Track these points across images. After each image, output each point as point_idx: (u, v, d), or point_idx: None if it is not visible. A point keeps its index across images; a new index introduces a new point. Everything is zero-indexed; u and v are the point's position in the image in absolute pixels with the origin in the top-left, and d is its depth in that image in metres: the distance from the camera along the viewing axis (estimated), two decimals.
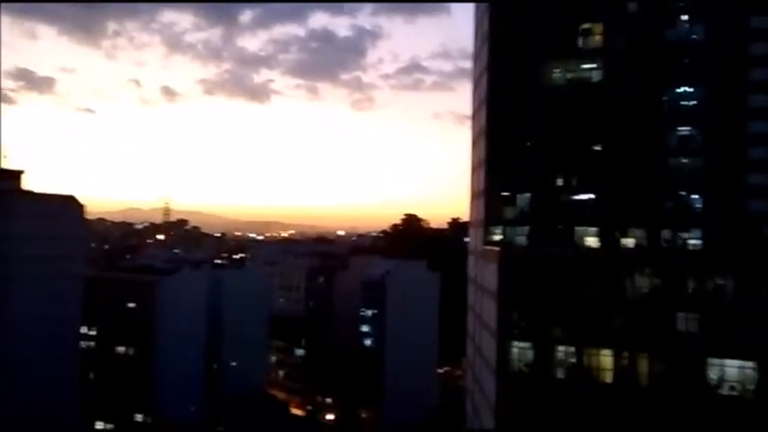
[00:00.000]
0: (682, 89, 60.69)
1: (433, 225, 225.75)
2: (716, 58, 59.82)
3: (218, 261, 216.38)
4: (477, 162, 76.02)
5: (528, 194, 65.74)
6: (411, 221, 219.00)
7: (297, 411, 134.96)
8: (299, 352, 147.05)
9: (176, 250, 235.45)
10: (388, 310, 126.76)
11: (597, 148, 63.23)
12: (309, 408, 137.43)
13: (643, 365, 55.41)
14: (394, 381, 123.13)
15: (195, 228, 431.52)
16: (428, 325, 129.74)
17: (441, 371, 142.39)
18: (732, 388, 53.14)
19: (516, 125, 66.25)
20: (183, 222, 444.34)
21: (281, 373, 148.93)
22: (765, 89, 58.53)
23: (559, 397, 57.52)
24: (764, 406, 51.54)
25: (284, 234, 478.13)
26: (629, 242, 61.83)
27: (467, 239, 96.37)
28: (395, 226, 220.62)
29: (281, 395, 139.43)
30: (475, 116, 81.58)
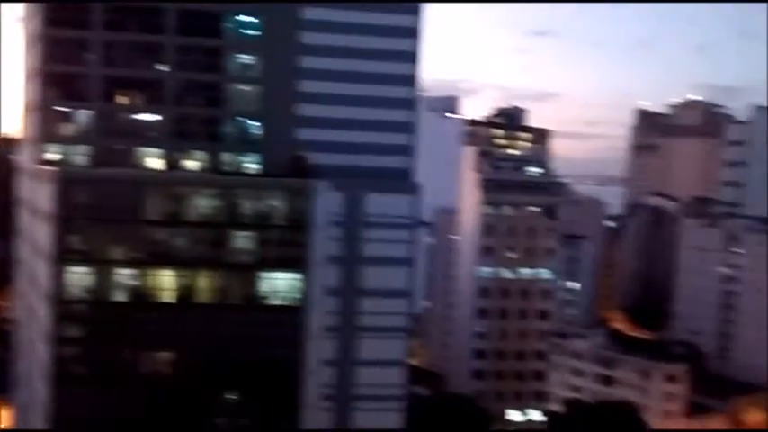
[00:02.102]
0: (244, 18, 63.23)
1: None
2: None
3: None
4: (32, 71, 68.52)
5: (88, 111, 62.12)
6: None
7: None
8: None
9: None
10: None
11: (162, 67, 62.51)
12: None
13: (202, 282, 58.12)
14: None
15: None
16: None
17: None
18: (280, 297, 59.21)
19: (77, 34, 61.41)
20: None
21: None
22: (317, 28, 64.36)
23: (121, 320, 57.17)
24: (306, 311, 58.75)
25: None
26: (190, 164, 63.31)
27: (20, 158, 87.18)
28: None
29: None
30: (28, 17, 72.69)
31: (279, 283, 59.32)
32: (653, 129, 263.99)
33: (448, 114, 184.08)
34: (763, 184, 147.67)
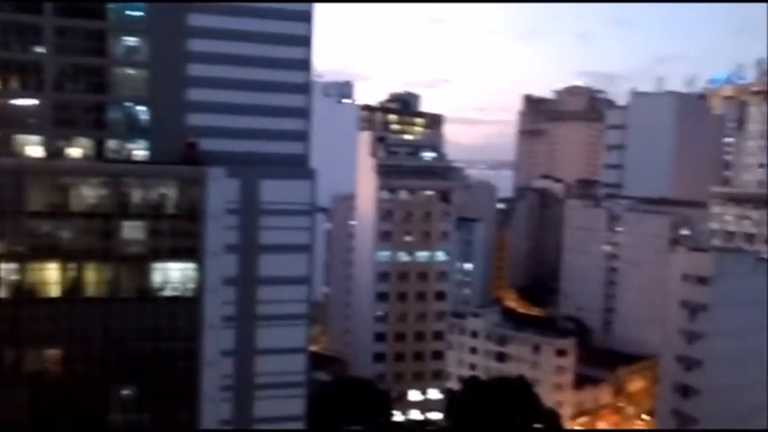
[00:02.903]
0: None
1: None
2: None
3: None
4: None
5: None
6: None
7: None
8: None
9: None
10: None
11: (41, 50, 59.15)
12: None
13: (90, 275, 55.80)
14: None
15: None
16: None
17: None
18: (174, 288, 57.66)
19: None
20: None
21: None
22: (205, 10, 62.54)
23: (2, 317, 54.15)
24: (202, 301, 57.50)
25: None
26: (74, 152, 60.40)
27: None
28: None
29: None
30: None
31: (172, 274, 57.82)
32: (540, 114, 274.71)
33: (343, 100, 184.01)
34: (641, 166, 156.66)
